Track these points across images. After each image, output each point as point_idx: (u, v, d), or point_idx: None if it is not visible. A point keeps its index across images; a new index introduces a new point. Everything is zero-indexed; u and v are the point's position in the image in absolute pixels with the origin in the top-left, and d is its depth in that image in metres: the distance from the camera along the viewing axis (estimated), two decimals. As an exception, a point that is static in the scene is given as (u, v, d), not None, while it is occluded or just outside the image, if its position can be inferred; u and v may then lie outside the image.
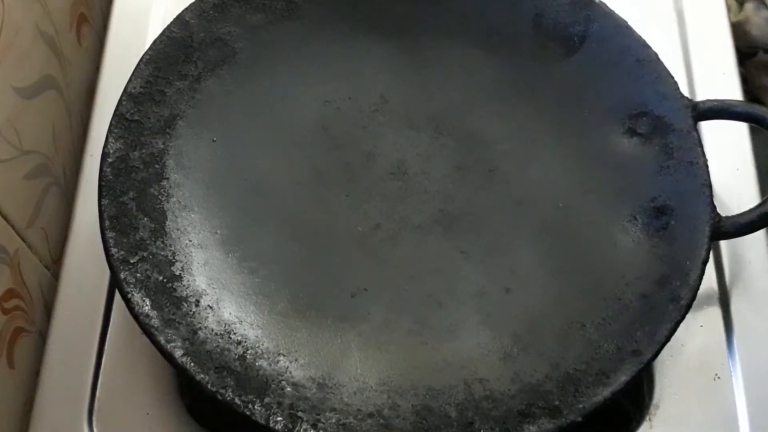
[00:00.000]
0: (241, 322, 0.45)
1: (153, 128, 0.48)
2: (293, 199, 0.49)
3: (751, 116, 0.48)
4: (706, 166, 0.47)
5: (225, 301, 0.45)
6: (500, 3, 0.53)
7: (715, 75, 0.56)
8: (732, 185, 0.52)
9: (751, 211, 0.46)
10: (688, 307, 0.43)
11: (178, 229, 0.47)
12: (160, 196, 0.47)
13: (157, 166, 0.48)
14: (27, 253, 0.49)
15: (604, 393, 0.41)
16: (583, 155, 0.50)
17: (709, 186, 0.46)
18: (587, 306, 0.45)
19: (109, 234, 0.44)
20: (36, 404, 0.47)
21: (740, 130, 0.54)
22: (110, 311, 0.49)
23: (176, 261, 0.45)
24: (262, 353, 0.44)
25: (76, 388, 0.47)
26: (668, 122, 0.48)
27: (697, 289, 0.44)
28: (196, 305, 0.44)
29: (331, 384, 0.43)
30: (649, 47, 0.50)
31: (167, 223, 0.46)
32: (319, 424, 0.41)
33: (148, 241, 0.45)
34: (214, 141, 0.50)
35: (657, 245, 0.46)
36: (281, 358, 0.44)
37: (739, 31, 0.60)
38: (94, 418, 0.46)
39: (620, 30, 0.51)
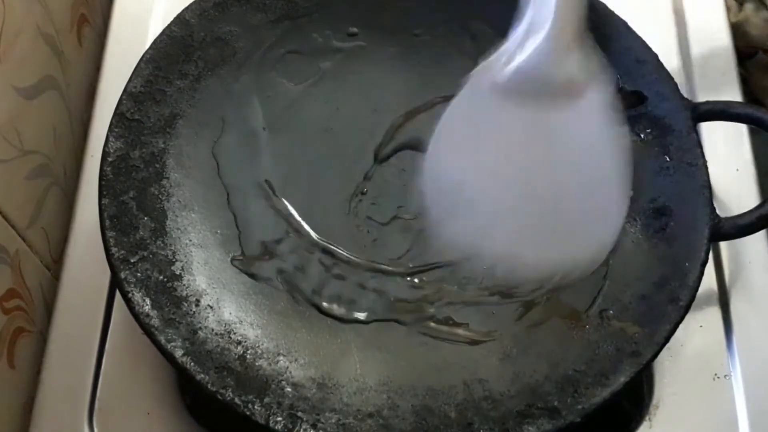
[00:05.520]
0: (241, 322, 0.45)
1: (153, 127, 0.48)
2: (293, 199, 0.49)
3: (750, 117, 0.48)
4: (706, 167, 0.47)
5: (225, 301, 0.45)
6: (500, 4, 0.52)
7: (715, 75, 0.56)
8: (731, 186, 0.52)
9: (750, 212, 0.46)
10: (687, 308, 0.43)
11: (178, 229, 0.47)
12: (160, 196, 0.47)
13: (157, 166, 0.48)
14: (27, 253, 0.49)
15: (603, 394, 0.41)
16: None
17: (709, 187, 0.46)
18: (586, 306, 0.45)
19: (110, 233, 0.44)
20: (36, 404, 0.47)
21: (740, 131, 0.54)
22: (111, 311, 0.49)
23: (176, 260, 0.45)
24: (262, 353, 0.44)
25: (76, 388, 0.47)
26: (668, 123, 0.48)
27: (696, 290, 0.44)
28: (197, 305, 0.44)
29: (331, 384, 0.43)
30: (648, 48, 0.50)
31: (167, 222, 0.47)
32: (319, 424, 0.41)
33: (148, 241, 0.45)
34: (214, 141, 0.50)
35: (656, 246, 0.46)
36: (281, 358, 0.44)
37: (738, 32, 0.60)
38: (95, 418, 0.46)
39: (620, 30, 0.51)
